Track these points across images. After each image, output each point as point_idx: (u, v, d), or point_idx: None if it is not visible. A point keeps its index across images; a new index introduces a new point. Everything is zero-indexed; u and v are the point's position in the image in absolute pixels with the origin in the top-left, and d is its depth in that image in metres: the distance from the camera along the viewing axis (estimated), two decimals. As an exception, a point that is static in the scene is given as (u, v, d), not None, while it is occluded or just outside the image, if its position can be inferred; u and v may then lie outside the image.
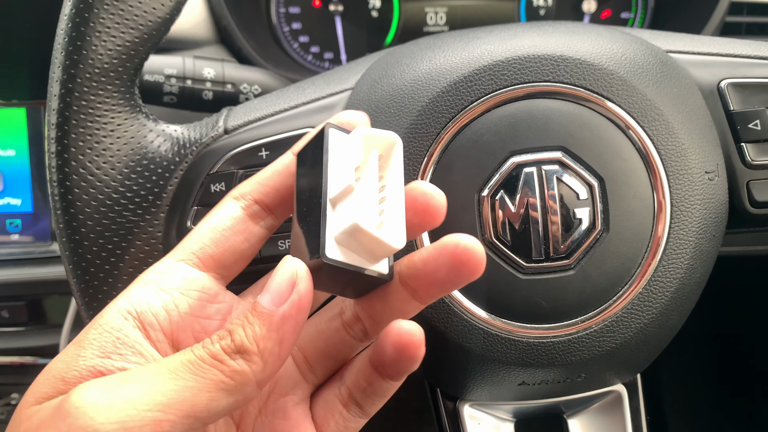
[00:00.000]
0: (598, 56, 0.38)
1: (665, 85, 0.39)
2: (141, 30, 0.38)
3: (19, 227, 0.67)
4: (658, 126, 0.37)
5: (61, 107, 0.37)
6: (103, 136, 0.38)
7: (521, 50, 0.38)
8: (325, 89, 0.43)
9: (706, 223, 0.38)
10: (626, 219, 0.37)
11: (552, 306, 0.37)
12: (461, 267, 0.30)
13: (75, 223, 0.38)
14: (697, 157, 0.38)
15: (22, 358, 0.72)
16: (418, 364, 0.31)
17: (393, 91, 0.39)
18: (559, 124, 0.37)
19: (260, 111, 0.42)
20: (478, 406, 0.43)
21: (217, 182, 0.39)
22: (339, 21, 0.75)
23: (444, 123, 0.37)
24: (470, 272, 0.30)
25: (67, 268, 0.39)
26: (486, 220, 0.37)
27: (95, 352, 0.29)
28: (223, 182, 0.39)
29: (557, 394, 0.42)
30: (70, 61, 0.37)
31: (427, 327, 0.35)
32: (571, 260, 0.37)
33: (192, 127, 0.41)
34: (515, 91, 0.37)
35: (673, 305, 0.38)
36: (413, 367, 0.31)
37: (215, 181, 0.39)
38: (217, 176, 0.39)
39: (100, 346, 0.29)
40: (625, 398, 0.43)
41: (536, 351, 0.37)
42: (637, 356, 0.40)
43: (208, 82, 0.54)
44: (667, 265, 0.37)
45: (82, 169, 0.38)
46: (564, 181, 0.36)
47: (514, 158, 0.37)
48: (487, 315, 0.37)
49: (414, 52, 0.41)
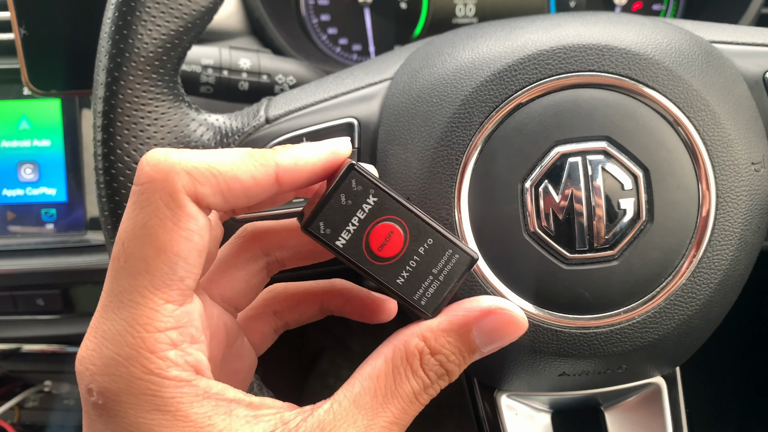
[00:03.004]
0: (643, 46, 0.38)
1: (711, 75, 0.38)
2: (185, 19, 0.38)
3: (54, 217, 0.68)
4: (703, 116, 0.37)
5: (107, 95, 0.38)
6: (148, 125, 0.38)
7: (566, 39, 0.38)
8: (364, 79, 0.43)
9: (751, 215, 0.38)
10: (671, 210, 0.37)
11: (595, 297, 0.37)
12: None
13: (119, 210, 0.38)
14: (743, 148, 0.38)
15: (55, 346, 0.73)
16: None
17: (435, 81, 0.39)
18: (604, 114, 0.37)
19: (301, 101, 0.42)
20: (516, 396, 0.43)
21: None
22: (368, 12, 0.75)
23: (488, 112, 0.37)
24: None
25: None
26: (530, 210, 0.36)
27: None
28: None
29: (596, 386, 0.41)
30: (117, 50, 0.37)
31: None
32: (615, 251, 0.36)
33: (233, 116, 0.42)
34: (560, 81, 0.37)
35: (717, 297, 0.38)
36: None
37: None
38: None
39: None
40: (665, 390, 0.42)
41: (578, 342, 0.37)
42: (678, 348, 0.39)
43: (244, 73, 0.54)
44: (711, 256, 0.37)
45: (127, 157, 0.38)
46: (609, 171, 0.36)
47: (559, 148, 0.36)
48: (530, 306, 0.37)
49: (455, 41, 0.41)
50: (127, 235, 0.27)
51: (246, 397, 0.29)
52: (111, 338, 0.27)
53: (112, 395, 0.26)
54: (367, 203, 0.30)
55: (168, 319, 0.27)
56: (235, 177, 0.28)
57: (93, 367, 0.27)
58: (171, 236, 0.26)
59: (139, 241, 0.27)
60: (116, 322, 0.27)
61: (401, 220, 0.31)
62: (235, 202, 0.28)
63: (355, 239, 0.30)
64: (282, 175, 0.29)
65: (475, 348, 0.31)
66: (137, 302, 0.27)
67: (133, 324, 0.26)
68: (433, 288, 0.31)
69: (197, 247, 0.27)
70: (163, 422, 0.26)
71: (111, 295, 0.27)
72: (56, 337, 0.71)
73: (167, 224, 0.26)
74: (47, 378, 0.81)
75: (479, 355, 0.32)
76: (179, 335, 0.27)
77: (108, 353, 0.27)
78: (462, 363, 0.32)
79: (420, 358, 0.30)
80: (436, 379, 0.31)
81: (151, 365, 0.26)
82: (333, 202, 0.30)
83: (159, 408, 0.26)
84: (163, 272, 0.27)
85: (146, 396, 0.26)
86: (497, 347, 0.32)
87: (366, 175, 0.30)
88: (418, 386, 0.30)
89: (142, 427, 0.26)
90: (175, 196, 0.26)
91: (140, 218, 0.27)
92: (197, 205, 0.27)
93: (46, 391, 0.81)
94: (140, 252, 0.26)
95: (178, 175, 0.26)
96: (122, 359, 0.26)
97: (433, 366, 0.31)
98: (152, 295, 0.26)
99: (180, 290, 0.27)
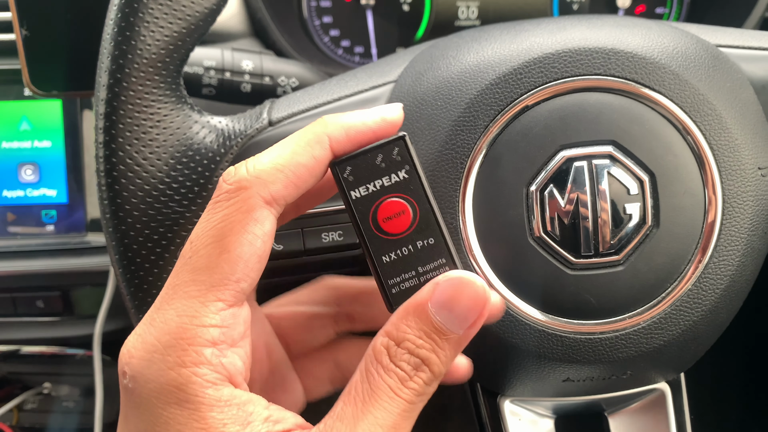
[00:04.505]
0: (649, 50, 0.37)
1: (717, 79, 0.38)
2: (188, 20, 0.38)
3: (54, 218, 0.67)
4: (710, 121, 0.37)
5: (109, 97, 0.37)
6: (150, 127, 0.38)
7: (571, 43, 0.37)
8: (367, 82, 0.42)
9: (758, 220, 0.37)
10: (677, 215, 0.36)
11: (600, 302, 0.36)
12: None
13: (121, 213, 0.38)
14: (749, 153, 0.37)
15: (55, 348, 0.73)
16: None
17: (439, 84, 0.39)
18: (610, 118, 0.36)
19: (304, 103, 0.42)
20: (519, 401, 0.43)
21: None
22: (370, 15, 0.75)
23: (493, 116, 0.37)
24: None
25: (113, 258, 0.39)
26: (535, 214, 0.36)
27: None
28: None
29: (601, 391, 0.41)
30: (119, 51, 0.37)
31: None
32: (620, 256, 0.36)
33: (236, 118, 0.41)
34: (566, 85, 0.37)
35: (723, 303, 0.38)
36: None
37: None
38: None
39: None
40: (669, 396, 0.42)
41: (583, 347, 0.37)
42: (683, 354, 0.39)
43: (246, 75, 0.53)
44: (717, 262, 0.37)
45: (129, 159, 0.38)
46: (614, 176, 0.36)
47: (564, 152, 0.36)
48: (535, 311, 0.37)
49: (459, 44, 0.41)
50: (197, 235, 0.29)
51: (266, 412, 0.28)
52: (157, 325, 0.28)
53: (143, 381, 0.27)
54: (397, 175, 0.30)
55: (214, 317, 0.27)
56: (298, 164, 0.29)
57: (133, 350, 0.28)
58: (236, 238, 0.28)
59: (206, 240, 0.28)
60: (166, 311, 0.28)
61: (417, 206, 0.31)
62: (306, 186, 0.30)
63: (369, 200, 0.30)
64: (336, 146, 0.30)
65: (441, 327, 0.29)
66: (191, 295, 0.28)
67: (181, 314, 0.27)
68: (409, 283, 0.31)
69: (258, 252, 0.28)
70: (179, 418, 0.26)
71: (169, 288, 0.29)
72: (56, 339, 0.70)
73: (235, 227, 0.28)
74: (46, 380, 0.80)
75: (457, 337, 0.30)
76: (221, 335, 0.28)
77: (150, 339, 0.28)
78: (436, 347, 0.29)
79: (388, 353, 0.29)
80: (413, 370, 0.29)
81: (185, 357, 0.27)
82: (369, 156, 0.30)
83: (180, 403, 0.27)
84: (223, 271, 0.28)
85: (171, 388, 0.27)
86: (468, 322, 0.30)
87: (410, 150, 0.30)
88: (393, 381, 0.29)
89: (161, 418, 0.27)
90: (248, 201, 0.28)
91: (212, 221, 0.28)
92: (275, 203, 0.29)
93: (46, 393, 0.81)
94: (205, 250, 0.28)
95: (249, 181, 0.28)
96: (161, 346, 0.27)
97: (402, 356, 0.29)
98: (207, 291, 0.27)
99: (234, 291, 0.28)
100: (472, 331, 0.30)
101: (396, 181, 0.30)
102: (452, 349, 0.30)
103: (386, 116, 0.31)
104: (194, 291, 0.28)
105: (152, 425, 0.27)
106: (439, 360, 0.30)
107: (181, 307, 0.28)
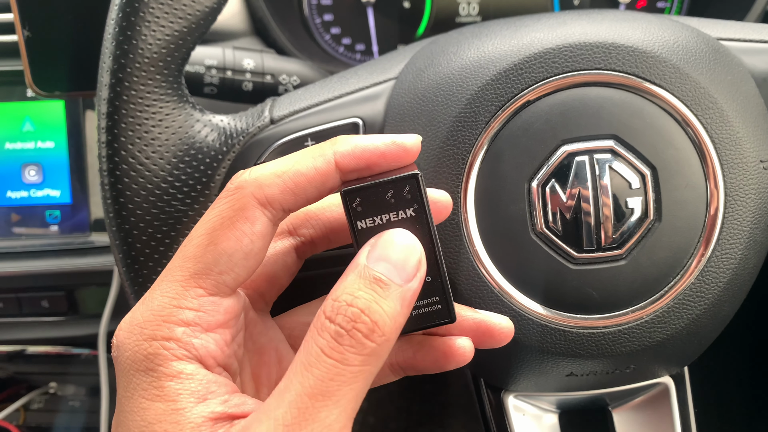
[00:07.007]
0: (650, 44, 0.37)
1: (718, 72, 0.38)
2: (189, 19, 0.38)
3: (58, 218, 0.68)
4: (711, 114, 0.37)
5: (111, 97, 0.37)
6: (152, 126, 0.38)
7: (572, 38, 0.37)
8: (368, 79, 0.42)
9: (760, 213, 0.37)
10: (679, 208, 0.36)
11: (603, 296, 0.37)
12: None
13: (124, 212, 0.38)
14: (751, 146, 0.37)
15: (60, 348, 0.73)
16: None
17: (440, 80, 0.39)
18: (611, 113, 0.36)
19: (305, 101, 0.42)
20: (523, 397, 0.43)
21: None
22: (371, 12, 0.75)
23: (494, 111, 0.37)
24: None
25: (117, 257, 0.39)
26: (537, 209, 0.36)
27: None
28: None
29: (604, 386, 0.41)
30: (121, 51, 0.37)
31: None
32: (622, 250, 0.36)
33: (238, 117, 0.41)
34: (566, 79, 0.37)
35: (726, 296, 0.38)
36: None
37: None
38: None
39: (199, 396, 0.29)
40: (673, 390, 0.42)
41: (586, 342, 0.37)
42: (687, 348, 0.39)
43: (248, 73, 0.54)
44: (720, 255, 0.37)
45: (132, 158, 0.38)
46: (616, 170, 0.36)
47: (566, 147, 0.36)
48: (538, 306, 0.37)
49: (460, 40, 0.41)
50: (194, 228, 0.31)
51: (227, 396, 0.29)
52: (145, 303, 0.30)
53: (123, 349, 0.30)
54: (405, 212, 0.31)
55: (192, 301, 0.30)
56: (297, 172, 0.30)
57: (123, 324, 0.30)
58: (224, 233, 0.29)
59: (200, 232, 0.30)
60: (154, 291, 0.30)
61: (420, 245, 0.30)
62: (305, 194, 0.30)
63: (374, 231, 0.30)
64: (340, 160, 0.30)
65: (380, 278, 0.28)
66: (176, 279, 0.30)
67: (164, 295, 0.30)
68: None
69: (245, 249, 0.30)
70: (143, 384, 0.29)
71: (165, 271, 0.31)
72: (61, 338, 0.71)
73: (225, 222, 0.29)
74: (52, 380, 0.81)
75: (399, 289, 0.28)
76: (196, 317, 0.29)
77: (136, 315, 0.30)
78: (377, 297, 0.28)
79: (324, 313, 0.28)
80: (350, 321, 0.27)
81: (158, 332, 0.29)
82: (379, 189, 0.30)
83: (146, 371, 0.29)
84: (207, 261, 0.29)
85: (141, 357, 0.29)
86: (406, 271, 0.29)
87: (421, 190, 0.30)
88: (325, 340, 0.27)
89: (130, 384, 0.29)
90: (241, 200, 0.29)
91: (208, 216, 0.30)
92: (269, 206, 0.30)
93: (52, 392, 0.81)
94: (197, 240, 0.30)
95: (246, 182, 0.30)
96: (142, 320, 0.29)
97: (339, 309, 0.27)
98: (190, 277, 0.30)
99: (215, 282, 0.30)
100: (413, 284, 0.29)
101: (403, 217, 0.31)
102: (396, 302, 0.28)
103: (397, 140, 0.31)
104: (179, 276, 0.30)
105: (124, 390, 0.29)
106: (382, 309, 0.28)
107: (166, 288, 0.30)
